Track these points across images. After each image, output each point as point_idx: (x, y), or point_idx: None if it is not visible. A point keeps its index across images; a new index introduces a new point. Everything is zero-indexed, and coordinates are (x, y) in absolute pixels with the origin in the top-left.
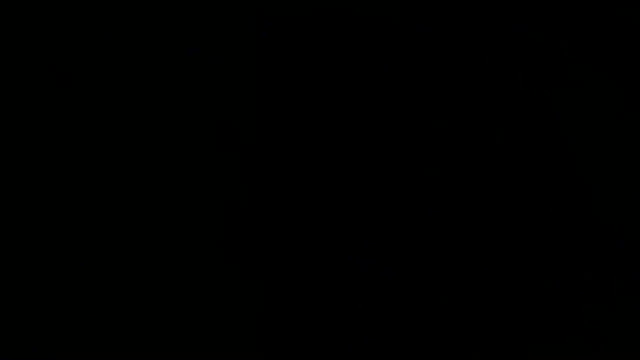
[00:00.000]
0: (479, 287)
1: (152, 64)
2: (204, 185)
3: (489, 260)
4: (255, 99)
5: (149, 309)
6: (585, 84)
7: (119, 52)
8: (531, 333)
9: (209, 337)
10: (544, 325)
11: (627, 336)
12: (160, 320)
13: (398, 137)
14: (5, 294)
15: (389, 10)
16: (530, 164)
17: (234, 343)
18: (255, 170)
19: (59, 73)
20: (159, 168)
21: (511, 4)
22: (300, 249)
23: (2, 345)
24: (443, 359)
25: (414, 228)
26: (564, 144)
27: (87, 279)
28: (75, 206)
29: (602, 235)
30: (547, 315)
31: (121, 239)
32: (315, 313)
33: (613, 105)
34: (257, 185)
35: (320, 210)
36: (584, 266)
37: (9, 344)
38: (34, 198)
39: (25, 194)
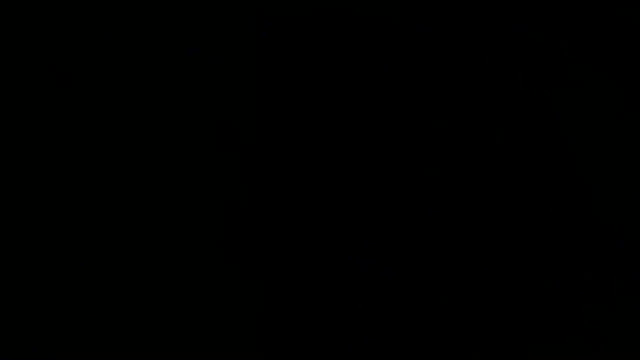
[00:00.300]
0: (479, 287)
1: (152, 64)
2: (204, 185)
3: (489, 260)
4: (255, 99)
5: (149, 309)
6: (585, 84)
7: (119, 52)
8: (531, 333)
9: (209, 337)
10: (544, 325)
11: (627, 336)
12: (160, 320)
13: (398, 137)
14: (5, 294)
15: (389, 10)
16: (531, 163)
17: (234, 343)
18: (255, 170)
19: (59, 73)
20: (159, 168)
21: (511, 4)
22: (300, 249)
23: (2, 345)
24: (443, 359)
25: (413, 228)
26: (564, 144)
27: (87, 279)
28: (76, 206)
29: (602, 235)
30: (547, 315)
31: (121, 239)
32: (315, 313)
33: (613, 105)
34: (257, 185)
35: (320, 210)
36: (584, 266)
37: (9, 344)
38: (34, 198)
39: (25, 194)
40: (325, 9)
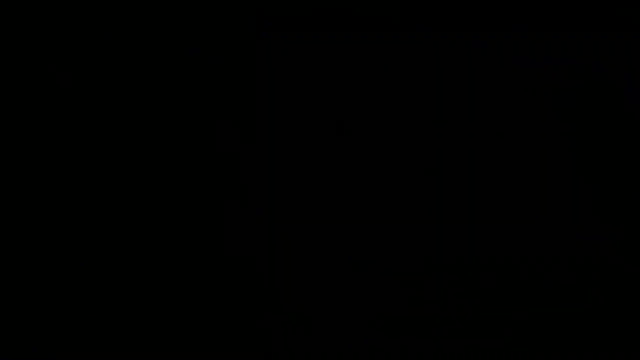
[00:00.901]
0: (479, 287)
1: (153, 64)
2: (204, 184)
3: (489, 261)
4: (255, 99)
5: (149, 308)
6: (583, 87)
7: (119, 52)
8: (533, 337)
9: (209, 337)
10: (547, 330)
11: (627, 336)
12: (160, 320)
13: (397, 136)
14: (5, 294)
15: (389, 10)
16: (530, 163)
17: (234, 343)
18: (254, 170)
19: (58, 73)
20: (159, 167)
21: (511, 4)
22: (299, 248)
23: (2, 345)
24: (443, 359)
25: (410, 228)
26: (563, 144)
27: (87, 279)
28: (75, 206)
29: (601, 236)
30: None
31: (121, 239)
32: (314, 312)
33: (612, 106)
34: (254, 185)
35: (320, 210)
36: (583, 266)
37: (9, 344)
38: (34, 198)
39: (26, 194)
40: (325, 9)
